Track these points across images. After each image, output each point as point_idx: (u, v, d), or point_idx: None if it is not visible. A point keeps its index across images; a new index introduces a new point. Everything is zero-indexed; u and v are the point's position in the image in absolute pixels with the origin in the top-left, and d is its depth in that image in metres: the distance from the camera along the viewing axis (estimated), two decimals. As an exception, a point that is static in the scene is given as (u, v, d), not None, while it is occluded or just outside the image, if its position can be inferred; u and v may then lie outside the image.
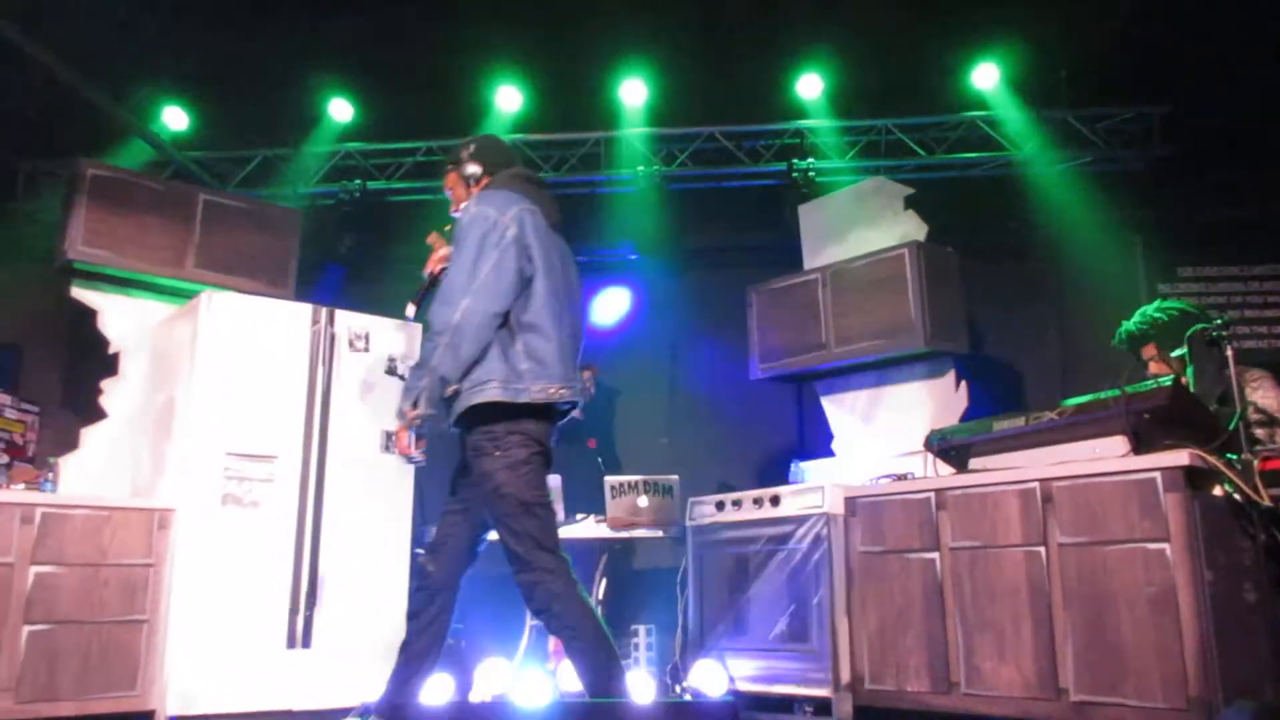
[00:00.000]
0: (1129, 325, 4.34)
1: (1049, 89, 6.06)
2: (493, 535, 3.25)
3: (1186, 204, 6.11)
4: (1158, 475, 3.39)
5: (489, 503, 3.10)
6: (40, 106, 5.55)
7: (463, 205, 3.39)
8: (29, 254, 5.27)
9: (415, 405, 3.05)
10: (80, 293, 4.78)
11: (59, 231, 4.72)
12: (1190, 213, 6.13)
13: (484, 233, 3.12)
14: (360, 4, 5.47)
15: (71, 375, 5.61)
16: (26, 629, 3.89)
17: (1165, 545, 3.34)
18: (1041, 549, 3.68)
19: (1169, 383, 3.54)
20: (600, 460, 5.93)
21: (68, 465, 4.51)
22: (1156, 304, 4.37)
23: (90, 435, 4.66)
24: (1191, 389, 3.77)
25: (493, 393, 3.03)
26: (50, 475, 4.31)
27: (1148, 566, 3.37)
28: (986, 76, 6.09)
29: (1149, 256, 6.24)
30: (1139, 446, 3.58)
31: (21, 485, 4.19)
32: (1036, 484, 3.73)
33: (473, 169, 3.45)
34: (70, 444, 4.63)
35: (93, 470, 4.60)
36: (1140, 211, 6.10)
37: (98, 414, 4.70)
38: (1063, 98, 6.09)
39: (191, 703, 4.07)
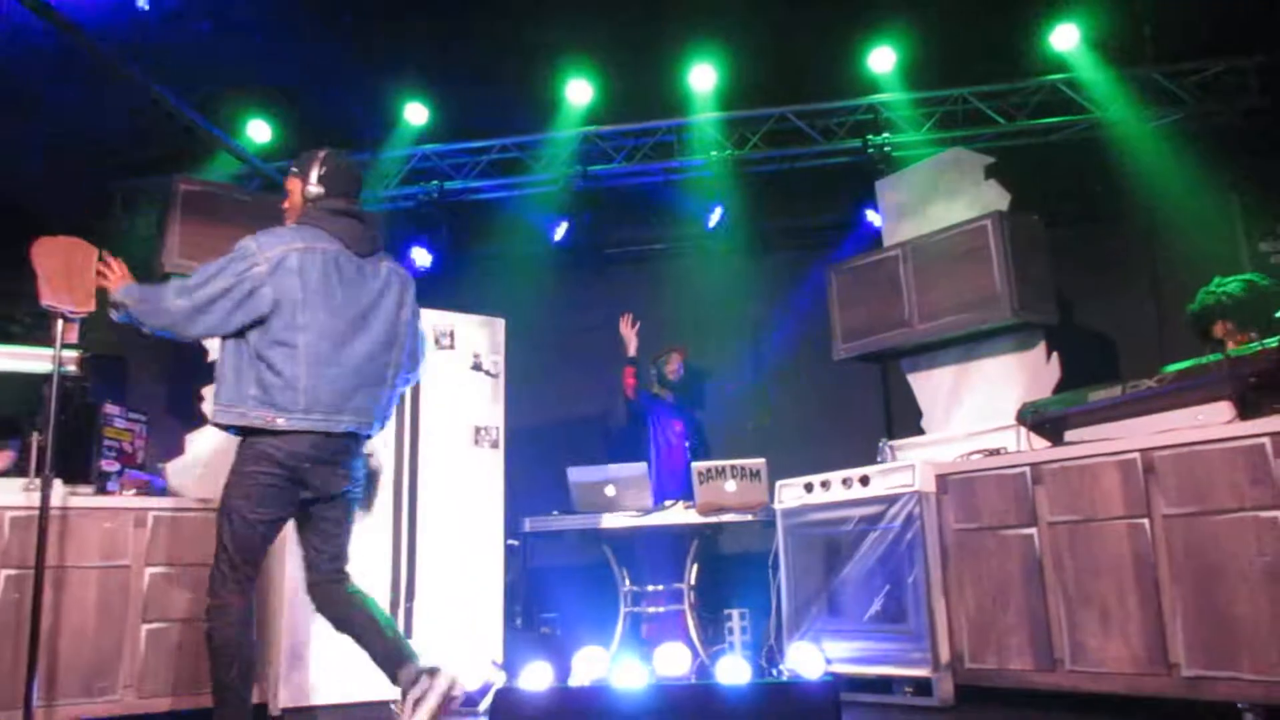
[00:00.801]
0: (1199, 302, 4.14)
1: (1132, 46, 5.85)
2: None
3: (1286, 157, 5.84)
4: (1266, 440, 3.27)
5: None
6: (134, 126, 5.76)
7: (287, 221, 3.40)
8: (129, 267, 5.44)
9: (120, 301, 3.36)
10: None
11: (156, 245, 4.91)
12: (1291, 166, 5.86)
13: (234, 260, 3.21)
14: (429, 6, 5.55)
15: (173, 383, 5.82)
16: (145, 627, 4.09)
17: (1278, 513, 3.22)
18: (1145, 521, 3.59)
19: (1275, 344, 3.41)
20: (689, 446, 5.95)
21: (174, 470, 4.69)
22: (1235, 282, 4.16)
23: (194, 440, 4.83)
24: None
25: (223, 416, 3.16)
26: (159, 481, 4.48)
27: (1260, 535, 3.26)
28: (1066, 37, 5.91)
29: (1248, 214, 5.98)
30: (1245, 411, 3.46)
31: (133, 491, 4.37)
32: (1137, 454, 3.63)
33: (316, 190, 3.37)
34: (176, 449, 4.81)
35: (197, 474, 4.77)
36: (1237, 167, 5.85)
37: (200, 419, 4.86)
38: (1147, 54, 5.88)
39: (301, 695, 4.21)
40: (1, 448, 4.44)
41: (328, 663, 4.28)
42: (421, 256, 6.87)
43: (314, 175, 3.37)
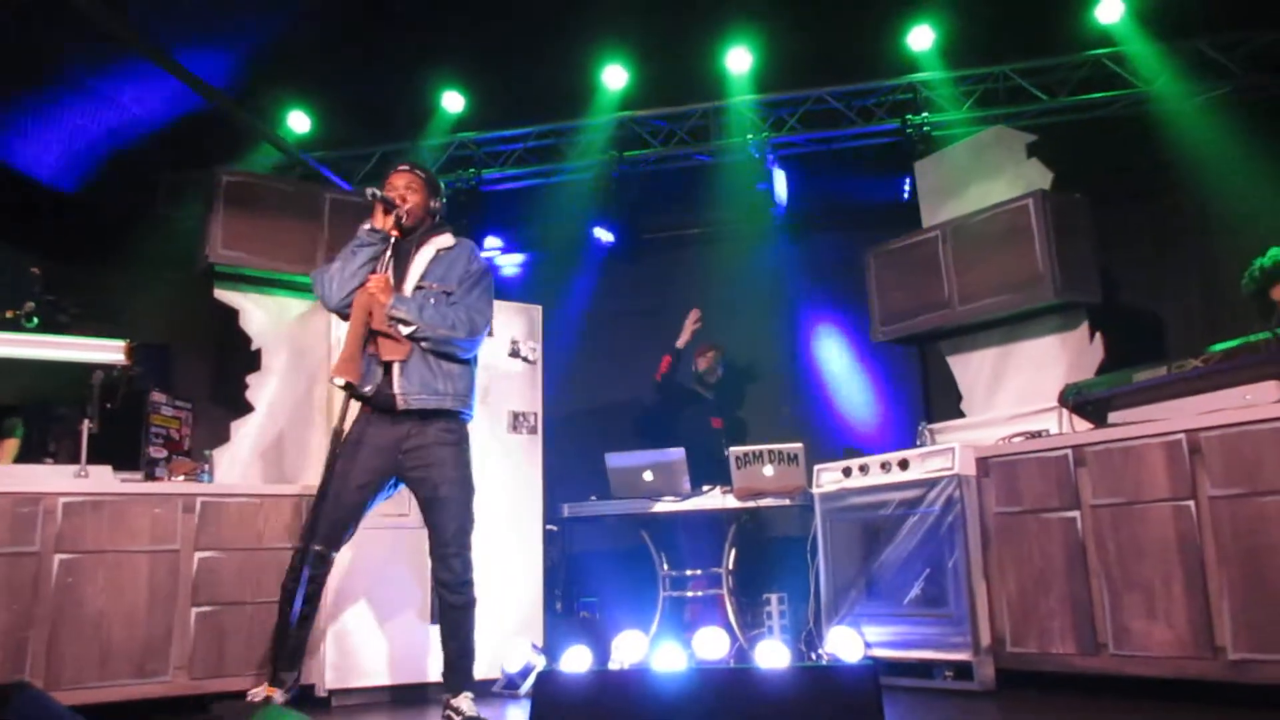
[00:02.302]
0: (1260, 261, 4.08)
1: (1178, 18, 5.70)
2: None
3: (1344, 126, 5.66)
4: (1317, 420, 3.21)
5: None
6: (177, 117, 5.85)
7: (456, 239, 3.82)
8: (174, 259, 5.56)
9: (403, 318, 3.54)
10: (222, 293, 5.05)
11: (199, 236, 4.99)
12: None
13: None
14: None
15: (218, 372, 5.93)
16: (194, 610, 4.18)
17: (1328, 494, 3.16)
18: (1191, 503, 3.54)
19: (1325, 321, 3.33)
20: (724, 436, 5.94)
21: (220, 457, 4.78)
22: None
23: (239, 428, 4.92)
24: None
25: (463, 406, 3.69)
26: (206, 467, 4.57)
27: (1309, 517, 3.19)
28: (1110, 10, 5.77)
29: (1300, 189, 5.82)
30: (1294, 391, 3.38)
31: (181, 477, 4.46)
32: (1183, 435, 3.58)
33: (439, 207, 3.81)
34: (221, 437, 4.91)
35: (243, 460, 4.87)
36: (1289, 140, 5.69)
37: (244, 407, 4.96)
38: (1195, 25, 5.73)
39: (346, 676, 4.29)
40: (7, 434, 4.54)
41: (372, 647, 4.34)
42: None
43: (441, 190, 3.87)
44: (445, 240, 3.78)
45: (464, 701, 3.45)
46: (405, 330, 3.51)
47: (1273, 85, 5.79)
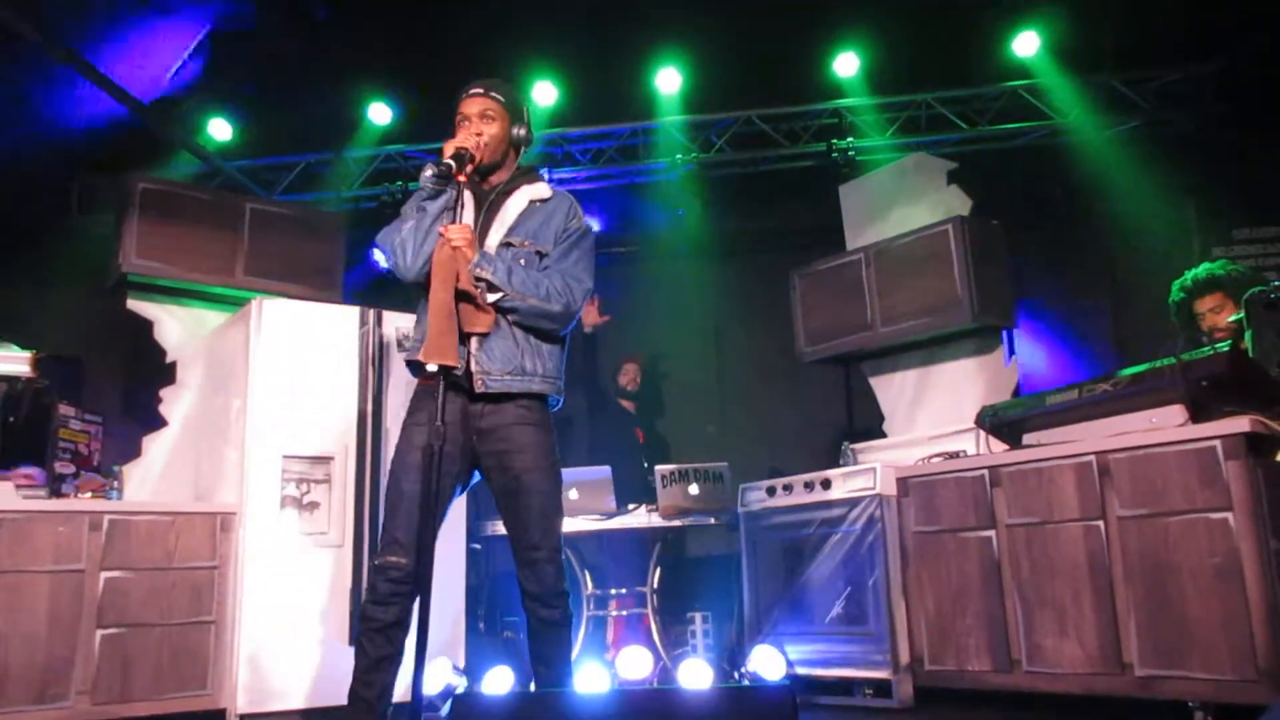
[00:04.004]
0: (1193, 273, 4.22)
1: (1092, 54, 5.94)
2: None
3: (1241, 164, 5.94)
4: (1218, 443, 3.33)
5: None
6: (92, 122, 5.68)
7: (554, 190, 3.16)
8: (85, 268, 5.39)
9: (491, 280, 2.88)
10: (136, 304, 4.90)
11: (113, 245, 4.83)
12: (1246, 173, 5.96)
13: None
14: (390, 8, 5.52)
15: (131, 385, 5.76)
16: (99, 633, 4.01)
17: (1228, 514, 3.28)
18: (1100, 523, 3.63)
19: (1226, 348, 3.47)
20: (645, 450, 5.95)
21: (131, 473, 4.63)
22: (1220, 263, 4.27)
23: (151, 443, 4.77)
24: (1250, 354, 3.68)
25: (550, 388, 3.03)
26: (115, 483, 4.42)
27: (1211, 537, 3.31)
28: (1027, 44, 5.98)
29: (1203, 219, 6.09)
30: (1198, 415, 3.51)
31: (89, 494, 4.30)
32: (1093, 457, 3.68)
33: (525, 135, 3.11)
34: (133, 452, 4.75)
35: (155, 477, 4.72)
36: (1192, 174, 5.95)
37: (158, 422, 4.81)
38: (1107, 62, 5.96)
39: (260, 700, 4.16)
40: None
41: (288, 668, 4.23)
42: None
43: (526, 114, 3.14)
44: (541, 189, 3.10)
45: None
46: (492, 296, 2.86)
47: (1178, 121, 6.04)
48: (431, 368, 2.72)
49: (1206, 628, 3.30)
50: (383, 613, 2.83)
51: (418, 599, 2.68)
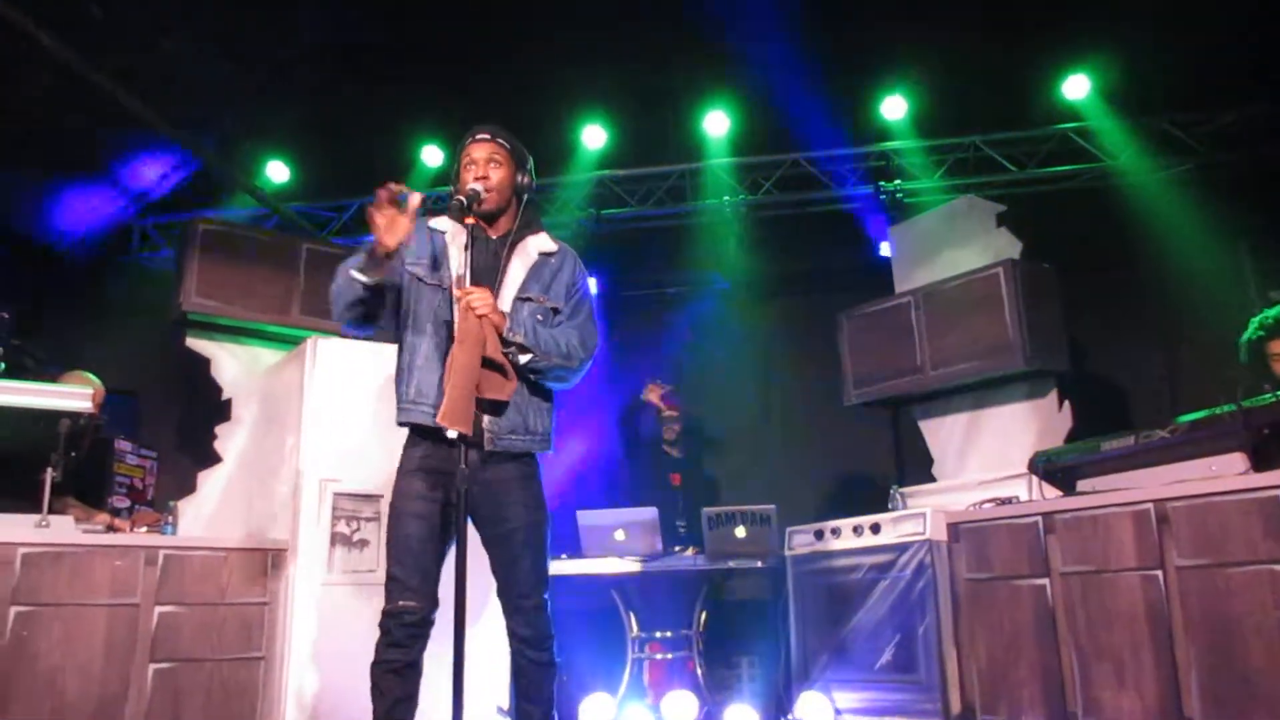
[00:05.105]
0: (1275, 312, 4.12)
1: (1142, 96, 5.89)
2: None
3: (1299, 205, 5.84)
4: (1281, 493, 3.25)
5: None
6: (153, 164, 5.84)
7: (556, 241, 3.15)
8: (145, 305, 5.52)
9: (523, 344, 2.88)
10: (194, 342, 5.00)
11: (174, 284, 4.95)
12: (1304, 214, 5.86)
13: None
14: (443, 54, 5.63)
15: (187, 421, 5.84)
16: (152, 666, 4.05)
17: (1293, 566, 3.19)
18: (1159, 572, 3.56)
19: (1289, 396, 3.40)
20: (681, 494, 5.91)
21: (185, 508, 4.69)
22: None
23: (206, 478, 4.84)
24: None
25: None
26: (170, 518, 4.48)
27: (1274, 588, 3.23)
28: (1077, 87, 5.95)
29: (1258, 262, 5.97)
30: (1259, 463, 3.44)
31: (144, 528, 4.37)
32: (1150, 505, 3.61)
33: (528, 183, 3.09)
34: (187, 487, 4.82)
35: (208, 512, 4.78)
36: (1247, 216, 5.85)
37: (212, 458, 4.89)
38: (1158, 104, 5.92)
39: (308, 738, 4.17)
40: None
41: (333, 706, 4.24)
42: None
43: (529, 164, 3.14)
44: (546, 242, 3.07)
45: None
46: (523, 358, 2.86)
47: (1232, 163, 5.97)
48: (451, 434, 2.72)
49: (1270, 681, 3.21)
50: (400, 654, 2.84)
51: (453, 643, 2.67)
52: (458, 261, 2.93)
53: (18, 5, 4.41)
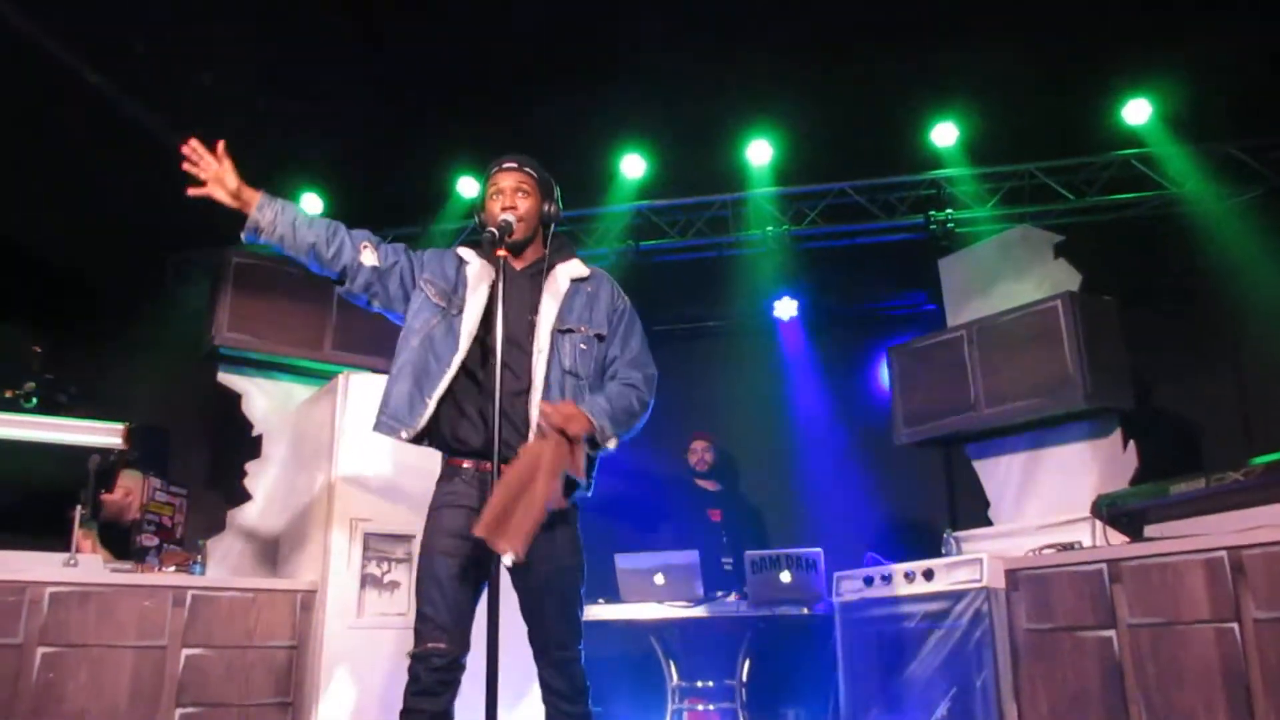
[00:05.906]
0: None
1: (1207, 120, 5.66)
2: None
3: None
4: (1368, 543, 3.02)
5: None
6: (187, 195, 5.82)
7: (588, 266, 3.06)
8: (176, 339, 5.48)
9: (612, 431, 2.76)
10: (226, 377, 4.96)
11: (205, 318, 4.91)
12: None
13: None
14: (481, 83, 5.57)
15: (217, 458, 5.79)
16: (178, 711, 3.96)
17: (1383, 622, 2.95)
18: (1234, 625, 3.34)
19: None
20: (723, 529, 5.75)
21: (214, 547, 4.62)
22: None
23: (235, 516, 4.78)
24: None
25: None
26: (199, 557, 4.41)
27: (1363, 646, 2.99)
28: (1138, 112, 5.72)
29: (1333, 293, 5.68)
30: (1344, 510, 3.20)
31: (172, 568, 4.29)
32: (1224, 552, 3.40)
33: (555, 212, 3.00)
34: (216, 526, 4.76)
35: (237, 551, 4.70)
36: (1320, 244, 5.58)
37: (242, 496, 4.82)
38: (1223, 128, 5.68)
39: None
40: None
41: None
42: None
43: (557, 193, 3.08)
44: (578, 267, 2.99)
45: None
46: (610, 446, 2.79)
47: (1302, 190, 5.70)
48: (508, 561, 2.52)
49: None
50: (429, 704, 2.68)
51: (484, 692, 2.52)
52: (480, 296, 2.87)
53: (58, 38, 4.43)
